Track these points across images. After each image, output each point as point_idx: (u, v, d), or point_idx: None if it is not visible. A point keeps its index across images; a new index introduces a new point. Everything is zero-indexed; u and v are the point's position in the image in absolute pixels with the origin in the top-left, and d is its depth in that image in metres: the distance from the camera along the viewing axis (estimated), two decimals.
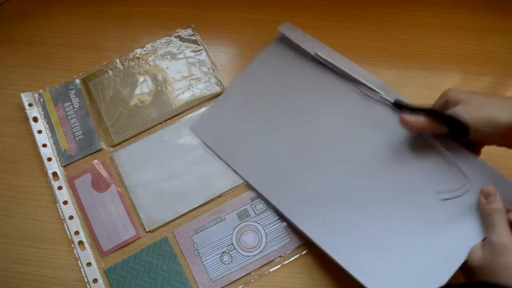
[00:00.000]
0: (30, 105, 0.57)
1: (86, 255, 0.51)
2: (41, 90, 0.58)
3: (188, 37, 0.60)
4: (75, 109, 0.57)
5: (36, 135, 0.55)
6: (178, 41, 0.60)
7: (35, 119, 0.56)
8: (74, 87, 0.58)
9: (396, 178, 0.49)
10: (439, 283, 0.43)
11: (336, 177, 0.50)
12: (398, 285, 0.45)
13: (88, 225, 0.52)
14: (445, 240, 0.45)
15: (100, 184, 0.54)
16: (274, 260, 0.50)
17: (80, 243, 0.51)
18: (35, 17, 0.62)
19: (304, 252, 0.50)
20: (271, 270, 0.50)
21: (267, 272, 0.50)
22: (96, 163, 0.55)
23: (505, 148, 0.45)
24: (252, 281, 0.50)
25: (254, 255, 0.50)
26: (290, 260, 0.50)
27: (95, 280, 0.50)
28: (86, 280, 0.50)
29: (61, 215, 0.52)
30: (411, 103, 0.49)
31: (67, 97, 0.57)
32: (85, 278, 0.50)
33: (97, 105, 0.57)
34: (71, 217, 0.52)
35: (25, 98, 0.57)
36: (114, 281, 0.50)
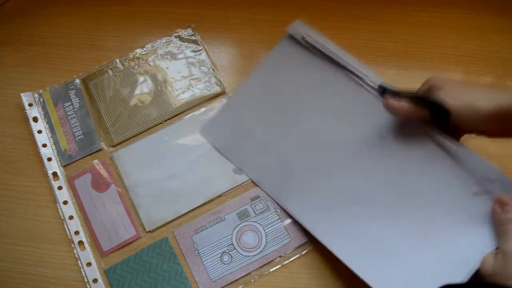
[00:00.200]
0: (30, 105, 0.57)
1: (86, 255, 0.51)
2: (41, 90, 0.58)
3: (188, 37, 0.60)
4: (75, 109, 0.57)
5: (36, 135, 0.55)
6: (178, 41, 0.60)
7: (35, 119, 0.56)
8: (74, 87, 0.58)
9: (409, 180, 0.48)
10: None
11: (347, 179, 0.50)
12: None
13: (88, 225, 0.52)
14: (457, 247, 0.45)
15: (100, 184, 0.54)
16: (274, 260, 0.50)
17: (80, 243, 0.51)
18: (35, 17, 0.62)
19: (304, 252, 0.50)
20: (271, 270, 0.50)
21: (267, 272, 0.50)
22: (96, 163, 0.55)
23: (503, 149, 0.45)
24: (252, 281, 0.50)
25: (254, 255, 0.50)
26: (290, 260, 0.50)
27: (95, 280, 0.50)
28: (86, 280, 0.50)
29: (61, 215, 0.52)
30: (395, 88, 0.50)
31: (67, 97, 0.58)
32: (85, 278, 0.50)
33: (97, 105, 0.57)
34: (71, 217, 0.52)
35: (25, 98, 0.57)
36: (114, 281, 0.50)
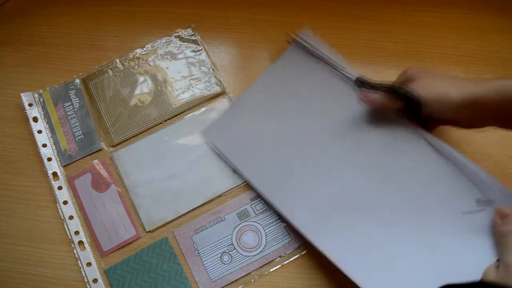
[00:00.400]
0: (30, 105, 0.57)
1: (86, 255, 0.51)
2: (41, 90, 0.58)
3: (188, 37, 0.60)
4: (75, 109, 0.57)
5: (36, 135, 0.55)
6: (178, 41, 0.60)
7: (35, 119, 0.56)
8: (74, 87, 0.58)
9: (409, 186, 0.49)
10: None
11: (348, 184, 0.50)
12: None
13: (88, 225, 0.52)
14: (458, 258, 0.45)
15: (100, 184, 0.54)
16: (274, 260, 0.50)
17: (80, 243, 0.51)
18: (35, 17, 0.62)
19: (304, 252, 0.50)
20: (271, 270, 0.50)
21: (267, 272, 0.50)
22: (96, 163, 0.55)
23: (503, 149, 0.45)
24: (252, 281, 0.50)
25: (254, 255, 0.50)
26: (290, 260, 0.50)
27: (95, 280, 0.50)
28: (86, 280, 0.50)
29: (61, 215, 0.52)
30: (371, 80, 0.50)
31: (67, 97, 0.57)
32: (85, 278, 0.50)
33: (97, 105, 0.57)
34: (71, 217, 0.52)
35: (25, 98, 0.57)
36: (114, 281, 0.50)
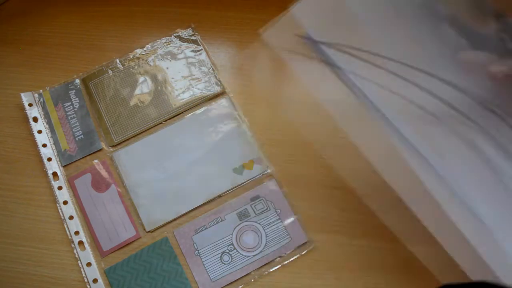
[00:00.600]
0: (30, 105, 0.57)
1: (86, 255, 0.51)
2: (41, 90, 0.58)
3: (188, 37, 0.60)
4: (75, 109, 0.57)
5: (36, 135, 0.55)
6: (178, 41, 0.60)
7: (35, 119, 0.56)
8: (74, 87, 0.58)
9: None
10: None
11: None
12: None
13: (88, 225, 0.52)
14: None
15: (100, 184, 0.54)
16: (274, 260, 0.50)
17: (80, 243, 0.51)
18: (35, 17, 0.62)
19: (304, 252, 0.50)
20: (271, 270, 0.50)
21: (267, 272, 0.50)
22: (96, 163, 0.55)
23: None
24: (252, 281, 0.50)
25: (254, 255, 0.50)
26: (290, 260, 0.50)
27: (95, 280, 0.50)
28: (86, 280, 0.50)
29: (61, 215, 0.52)
30: None
31: (67, 97, 0.58)
32: (85, 278, 0.50)
33: (97, 105, 0.57)
34: (71, 217, 0.52)
35: (25, 98, 0.57)
36: (114, 281, 0.50)
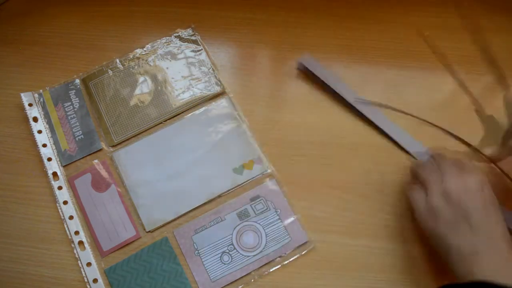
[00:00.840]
0: (30, 105, 0.57)
1: (86, 255, 0.51)
2: (41, 90, 0.58)
3: (188, 37, 0.60)
4: (75, 109, 0.57)
5: (36, 135, 0.55)
6: (178, 41, 0.60)
7: (35, 119, 0.56)
8: (74, 87, 0.58)
9: None
10: None
11: None
12: None
13: (88, 225, 0.52)
14: None
15: (100, 184, 0.54)
16: (274, 260, 0.50)
17: (80, 243, 0.51)
18: (35, 17, 0.62)
19: (304, 252, 0.50)
20: (271, 270, 0.50)
21: (267, 272, 0.50)
22: (96, 163, 0.55)
23: None
24: (252, 281, 0.50)
25: (254, 255, 0.50)
26: (290, 260, 0.50)
27: (95, 280, 0.50)
28: (86, 280, 0.50)
29: (61, 215, 0.52)
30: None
31: (67, 97, 0.57)
32: (85, 278, 0.50)
33: (97, 105, 0.57)
34: (71, 217, 0.52)
35: (25, 98, 0.57)
36: (114, 281, 0.50)
